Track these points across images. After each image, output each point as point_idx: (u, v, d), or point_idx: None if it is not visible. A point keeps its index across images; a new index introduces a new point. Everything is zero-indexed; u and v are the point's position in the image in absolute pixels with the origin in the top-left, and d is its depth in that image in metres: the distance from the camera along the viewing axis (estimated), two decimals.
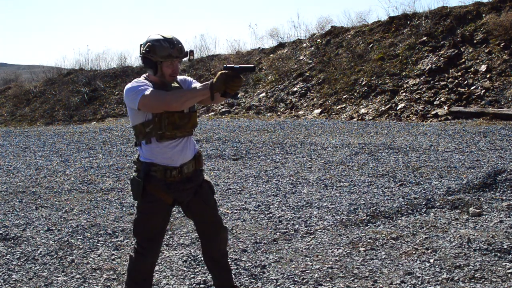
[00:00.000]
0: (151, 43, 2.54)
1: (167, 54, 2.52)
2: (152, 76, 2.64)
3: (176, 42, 2.56)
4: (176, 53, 2.54)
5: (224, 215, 4.83)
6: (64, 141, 10.82)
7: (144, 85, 2.54)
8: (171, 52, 2.53)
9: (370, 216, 4.53)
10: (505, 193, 4.90)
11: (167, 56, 2.53)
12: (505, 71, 11.23)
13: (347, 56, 14.72)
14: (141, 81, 2.61)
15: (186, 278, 3.43)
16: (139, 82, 2.59)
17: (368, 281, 3.22)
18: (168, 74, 2.59)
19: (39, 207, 5.41)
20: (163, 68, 2.57)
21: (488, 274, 3.20)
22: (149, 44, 2.55)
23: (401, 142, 8.26)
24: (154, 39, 2.55)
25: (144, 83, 2.57)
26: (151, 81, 2.63)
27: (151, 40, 2.55)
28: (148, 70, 2.63)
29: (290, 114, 13.66)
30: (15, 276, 3.57)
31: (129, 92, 2.54)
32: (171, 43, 2.54)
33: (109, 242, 4.22)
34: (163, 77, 2.61)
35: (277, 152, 8.10)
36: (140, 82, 2.59)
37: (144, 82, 2.58)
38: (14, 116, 19.51)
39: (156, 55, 2.53)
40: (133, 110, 2.59)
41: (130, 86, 2.57)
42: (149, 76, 2.67)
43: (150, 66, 2.58)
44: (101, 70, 21.24)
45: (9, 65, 60.76)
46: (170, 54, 2.53)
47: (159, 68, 2.57)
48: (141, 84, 2.56)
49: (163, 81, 2.63)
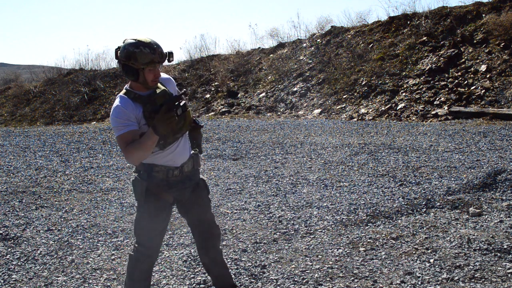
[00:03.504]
0: (130, 50, 2.44)
1: (149, 61, 2.45)
2: (134, 83, 2.57)
3: (156, 46, 2.48)
4: (157, 58, 2.47)
5: (224, 215, 4.83)
6: (64, 141, 10.82)
7: (120, 124, 2.48)
8: (153, 58, 2.45)
9: (370, 216, 4.53)
10: (505, 193, 4.90)
11: (149, 63, 2.45)
12: (505, 71, 11.23)
13: (347, 56, 14.72)
14: (120, 113, 2.51)
15: (186, 278, 3.43)
16: (117, 117, 2.50)
17: (368, 281, 3.22)
18: (150, 80, 2.52)
19: (39, 207, 5.41)
20: (146, 75, 2.49)
21: (488, 274, 3.20)
22: (128, 51, 2.44)
23: (401, 142, 8.26)
24: (132, 45, 2.44)
25: (122, 120, 2.49)
26: (135, 94, 2.56)
27: (130, 46, 2.44)
28: (128, 77, 2.54)
29: (290, 114, 13.66)
30: (15, 276, 3.57)
31: (111, 123, 2.54)
32: (151, 48, 2.45)
33: (109, 242, 4.22)
34: (145, 83, 2.53)
35: (277, 152, 8.10)
36: (119, 115, 2.50)
37: (123, 117, 2.49)
38: (14, 116, 19.52)
39: (138, 62, 2.44)
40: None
41: (111, 117, 2.53)
42: (132, 85, 2.59)
43: (131, 73, 2.50)
44: (101, 70, 21.24)
45: (9, 65, 60.77)
46: (152, 60, 2.45)
47: (141, 74, 2.50)
48: (118, 121, 2.49)
49: (146, 88, 2.57)
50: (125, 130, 2.49)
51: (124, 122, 2.49)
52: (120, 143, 2.51)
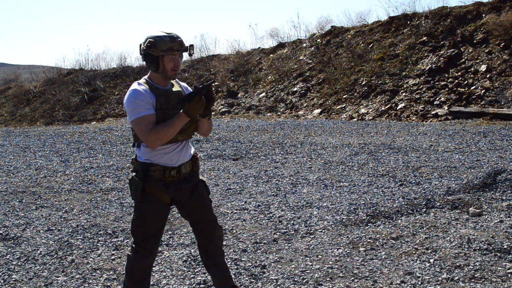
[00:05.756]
0: (152, 39, 2.56)
1: (168, 48, 2.54)
2: (154, 74, 2.63)
3: (176, 36, 2.59)
4: (177, 46, 2.56)
5: (224, 215, 4.83)
6: (64, 141, 10.82)
7: (141, 106, 2.52)
8: (172, 46, 2.54)
9: (370, 216, 4.53)
10: (505, 193, 4.90)
11: (169, 50, 2.54)
12: (505, 71, 11.23)
13: (347, 56, 14.72)
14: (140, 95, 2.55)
15: (186, 278, 3.43)
16: (136, 98, 2.53)
17: (368, 281, 3.22)
18: (170, 69, 2.59)
19: (39, 207, 5.41)
20: (165, 63, 2.57)
21: (488, 274, 3.20)
22: (150, 40, 2.56)
23: (401, 142, 8.26)
24: (154, 35, 2.57)
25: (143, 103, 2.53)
26: (153, 85, 2.61)
27: (152, 36, 2.57)
28: (149, 67, 2.62)
29: (290, 114, 13.66)
30: (15, 276, 3.57)
31: (127, 105, 2.55)
32: (171, 37, 2.56)
33: (109, 242, 4.22)
34: (165, 72, 2.59)
35: (277, 152, 8.10)
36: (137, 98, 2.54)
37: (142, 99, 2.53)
38: (14, 116, 19.52)
39: (157, 49, 2.54)
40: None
41: (129, 99, 2.55)
42: (151, 75, 2.65)
43: (151, 61, 2.58)
44: (101, 70, 21.24)
45: (9, 65, 60.77)
46: (171, 48, 2.54)
47: (161, 63, 2.57)
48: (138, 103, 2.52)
49: (165, 79, 2.63)
50: (146, 112, 2.52)
51: (145, 105, 2.54)
52: (140, 125, 2.51)
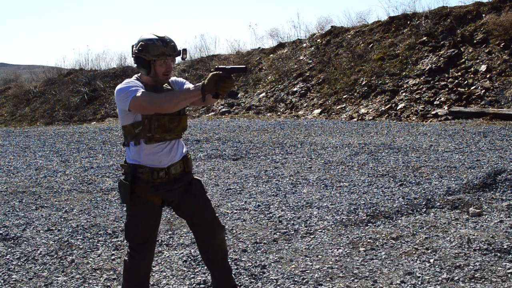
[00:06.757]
0: (143, 42, 2.51)
1: (160, 53, 2.49)
2: (145, 76, 2.60)
3: (169, 40, 2.54)
4: (169, 51, 2.52)
5: (224, 215, 4.83)
6: (64, 141, 10.82)
7: (135, 86, 2.50)
8: (164, 51, 2.50)
9: (370, 216, 4.53)
10: (505, 193, 4.90)
11: (160, 55, 2.50)
12: (505, 71, 11.23)
13: (347, 56, 14.72)
14: (132, 81, 2.57)
15: (186, 278, 3.43)
16: (130, 83, 2.54)
17: (368, 281, 3.22)
18: (162, 73, 2.56)
19: (39, 207, 5.41)
20: (156, 67, 2.54)
21: (488, 274, 3.20)
22: (141, 43, 2.52)
23: (401, 142, 8.26)
24: (146, 38, 2.53)
25: (135, 84, 2.52)
26: (143, 82, 2.59)
27: (144, 39, 2.53)
28: (141, 70, 2.59)
29: (290, 114, 13.66)
30: (15, 276, 3.57)
31: (120, 93, 2.51)
32: (164, 41, 2.52)
33: (109, 242, 4.22)
34: (156, 76, 2.56)
35: (277, 152, 8.10)
36: (131, 82, 2.55)
37: (135, 83, 2.54)
38: (14, 116, 19.52)
39: (149, 53, 2.50)
40: (123, 111, 2.55)
41: (121, 87, 2.53)
42: (142, 76, 2.63)
43: (143, 65, 2.55)
44: (101, 70, 21.25)
45: (9, 65, 60.80)
46: (163, 53, 2.50)
47: (152, 67, 2.54)
48: (132, 85, 2.51)
49: (156, 81, 2.60)
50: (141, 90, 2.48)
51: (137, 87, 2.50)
52: (143, 97, 2.44)
